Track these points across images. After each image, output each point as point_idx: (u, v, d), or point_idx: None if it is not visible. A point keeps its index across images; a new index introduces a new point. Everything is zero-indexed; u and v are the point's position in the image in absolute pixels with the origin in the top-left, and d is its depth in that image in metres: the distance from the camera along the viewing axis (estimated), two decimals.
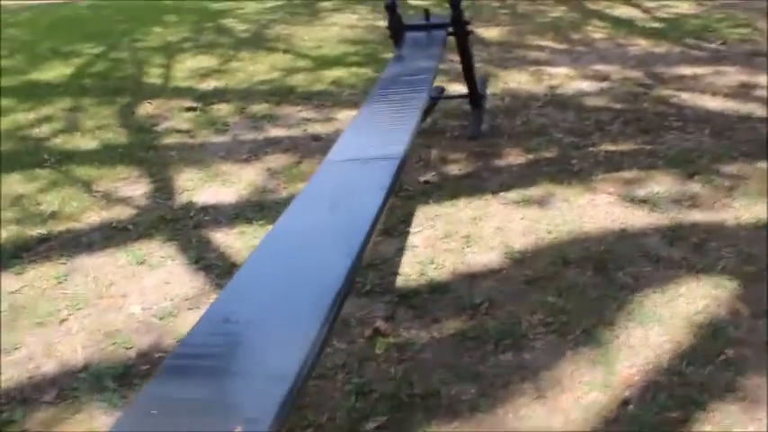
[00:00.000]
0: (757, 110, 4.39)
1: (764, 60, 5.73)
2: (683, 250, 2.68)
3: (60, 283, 2.74)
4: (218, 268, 2.74)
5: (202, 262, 2.80)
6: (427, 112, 4.24)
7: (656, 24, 7.38)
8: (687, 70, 5.44)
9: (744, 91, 4.85)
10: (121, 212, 3.33)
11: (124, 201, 3.47)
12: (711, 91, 4.83)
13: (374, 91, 3.16)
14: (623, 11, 8.22)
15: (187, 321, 2.41)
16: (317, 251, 1.73)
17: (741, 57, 5.88)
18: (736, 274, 2.51)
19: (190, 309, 2.49)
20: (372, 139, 2.51)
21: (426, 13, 3.96)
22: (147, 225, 3.15)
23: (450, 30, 3.85)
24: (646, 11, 8.17)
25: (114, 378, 2.17)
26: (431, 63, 3.41)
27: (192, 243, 2.96)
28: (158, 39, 8.05)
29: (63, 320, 2.49)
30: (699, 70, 5.43)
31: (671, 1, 8.69)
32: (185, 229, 3.10)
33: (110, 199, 3.49)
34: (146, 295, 2.61)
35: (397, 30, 3.87)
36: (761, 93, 4.79)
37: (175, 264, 2.81)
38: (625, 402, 1.96)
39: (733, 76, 5.26)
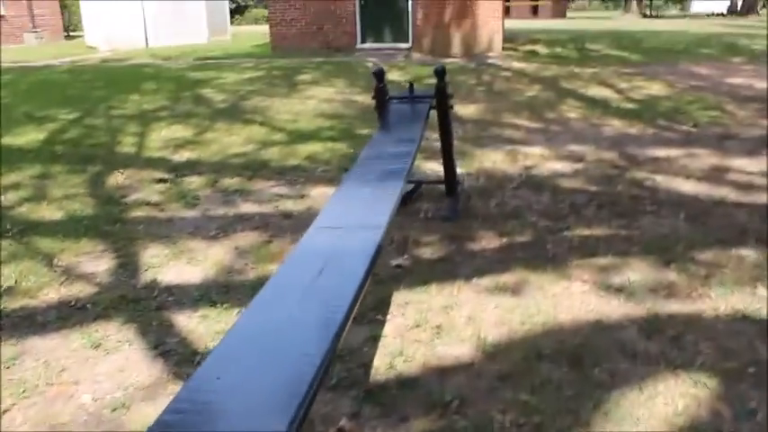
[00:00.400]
0: (730, 194, 4.41)
1: (735, 143, 5.82)
2: (661, 344, 2.60)
3: (9, 367, 2.58)
4: (177, 355, 2.61)
5: (161, 347, 2.66)
6: (411, 193, 4.23)
7: (630, 105, 7.52)
8: (660, 152, 5.49)
9: (716, 174, 4.89)
10: (81, 290, 3.20)
11: (85, 277, 3.34)
12: (685, 174, 4.86)
13: (358, 162, 3.13)
14: (597, 91, 8.38)
15: (140, 414, 2.27)
16: (301, 317, 1.72)
17: (712, 139, 5.96)
18: (716, 370, 2.43)
19: (143, 400, 2.35)
20: (356, 209, 2.55)
21: (411, 85, 4.00)
22: (107, 305, 3.02)
23: (433, 103, 3.86)
24: (619, 92, 8.34)
25: None
26: (414, 135, 3.41)
27: (153, 326, 2.83)
28: (135, 106, 8.04)
29: (6, 411, 2.33)
30: (672, 152, 5.48)
31: (643, 82, 8.90)
32: (146, 310, 2.97)
33: (70, 275, 3.36)
34: (98, 383, 2.46)
35: (381, 99, 3.87)
36: (733, 176, 4.83)
37: (133, 348, 2.68)
38: None
39: (705, 158, 5.32)
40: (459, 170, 4.50)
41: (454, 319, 2.79)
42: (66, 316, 2.96)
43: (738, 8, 34.28)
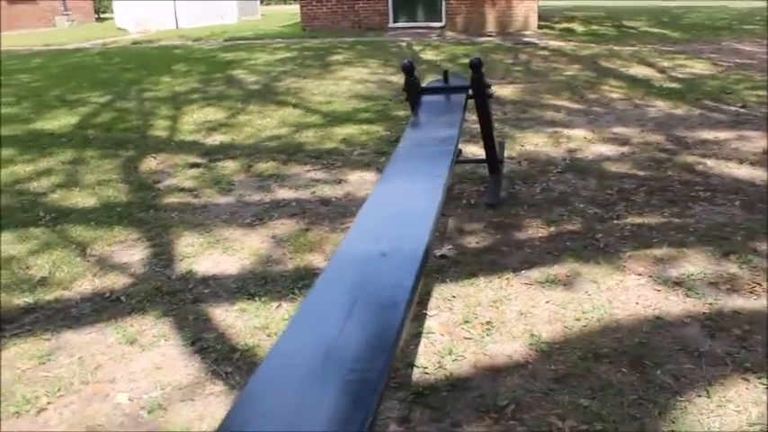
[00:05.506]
0: None
1: None
2: (727, 344, 2.43)
3: (43, 363, 2.50)
4: (215, 352, 2.50)
5: (199, 344, 2.56)
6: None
7: (673, 84, 7.25)
8: (709, 134, 5.26)
9: None
10: (115, 281, 3.11)
11: (119, 267, 3.25)
12: (737, 158, 4.64)
13: (392, 162, 2.89)
14: (638, 70, 8.11)
15: (178, 416, 2.17)
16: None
17: (763, 120, 5.71)
18: None
19: (182, 401, 2.25)
20: (390, 228, 2.27)
21: (445, 74, 3.71)
22: (142, 297, 2.93)
23: (470, 93, 3.58)
24: (661, 70, 8.06)
25: None
26: (452, 132, 3.15)
27: (189, 321, 2.73)
28: (167, 89, 7.95)
29: (42, 410, 2.25)
30: (721, 134, 5.25)
31: (686, 61, 8.59)
32: (182, 303, 2.87)
33: (104, 265, 3.28)
34: (135, 382, 2.37)
35: (413, 93, 3.60)
36: None
37: (169, 344, 2.58)
38: None
39: (757, 141, 5.08)
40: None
41: (504, 315, 2.65)
42: (101, 309, 2.87)
43: None
